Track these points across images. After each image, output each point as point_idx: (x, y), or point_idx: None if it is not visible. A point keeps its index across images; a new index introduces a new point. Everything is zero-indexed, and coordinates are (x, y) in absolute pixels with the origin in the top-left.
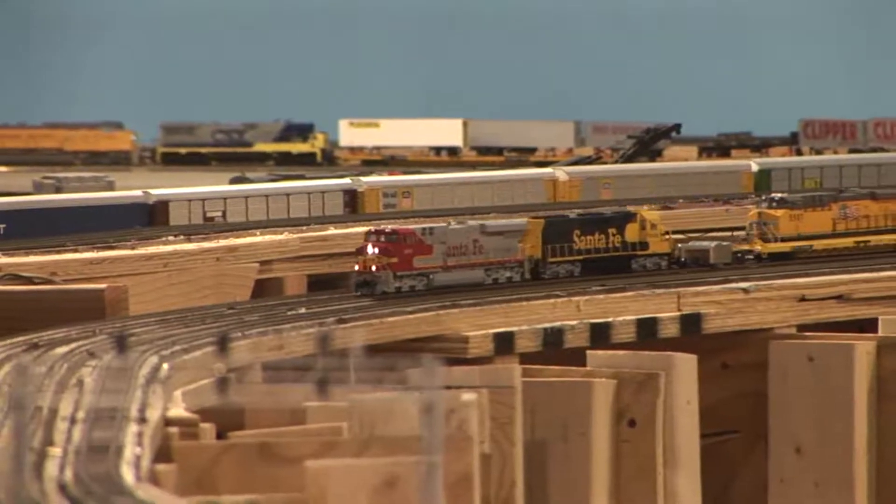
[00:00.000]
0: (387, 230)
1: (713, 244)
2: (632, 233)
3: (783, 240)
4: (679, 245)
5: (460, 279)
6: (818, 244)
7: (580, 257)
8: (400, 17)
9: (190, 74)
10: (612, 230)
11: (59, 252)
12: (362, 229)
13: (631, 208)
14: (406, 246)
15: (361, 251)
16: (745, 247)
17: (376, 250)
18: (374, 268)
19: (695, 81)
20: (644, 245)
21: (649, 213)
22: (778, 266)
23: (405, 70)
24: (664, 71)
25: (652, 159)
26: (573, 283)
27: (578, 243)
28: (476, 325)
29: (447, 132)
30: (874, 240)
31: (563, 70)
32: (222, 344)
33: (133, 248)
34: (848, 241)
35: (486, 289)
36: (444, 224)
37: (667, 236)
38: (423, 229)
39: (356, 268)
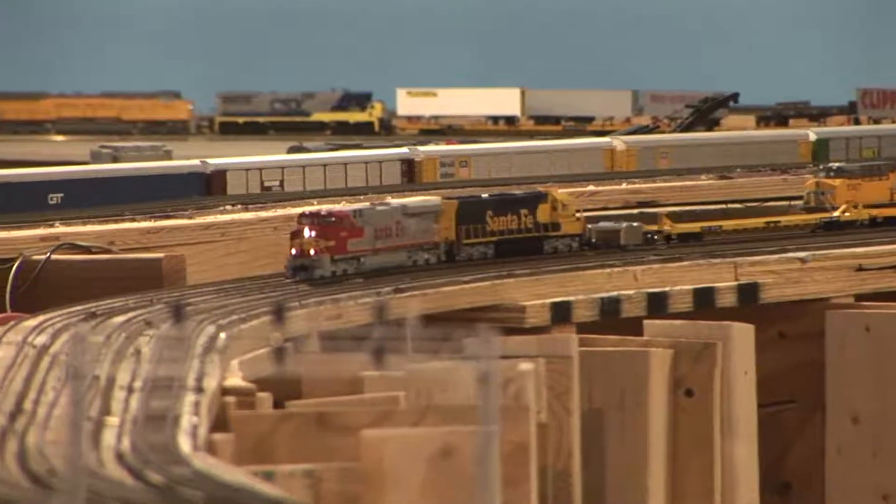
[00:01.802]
0: (323, 212)
1: (624, 225)
2: (543, 214)
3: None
4: (589, 226)
5: (385, 262)
6: (876, 213)
7: (493, 239)
8: None
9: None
10: (524, 211)
11: (116, 221)
12: (419, 199)
13: (541, 188)
14: (342, 229)
15: (297, 234)
16: (654, 227)
17: (313, 233)
18: (312, 251)
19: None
20: (556, 226)
21: (560, 194)
22: (835, 236)
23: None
24: (722, 40)
25: (710, 129)
26: (630, 253)
27: (491, 224)
28: (533, 294)
29: (505, 101)
30: None
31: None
32: (279, 313)
33: (190, 218)
34: None
35: (543, 258)
36: (371, 206)
37: (577, 217)
38: (354, 211)
39: (292, 252)
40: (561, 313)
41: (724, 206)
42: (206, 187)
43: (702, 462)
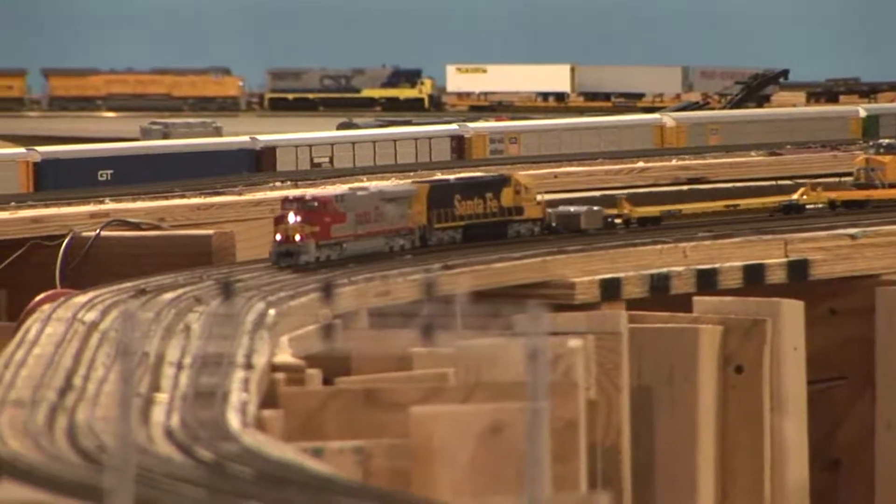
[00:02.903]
0: (307, 197)
1: (584, 209)
2: (507, 197)
3: (891, 185)
4: (549, 210)
5: (365, 248)
6: None
7: (462, 223)
8: None
9: (297, 20)
10: (489, 195)
11: (166, 198)
12: (469, 175)
13: (505, 172)
14: (326, 214)
15: (281, 220)
16: (613, 211)
17: (298, 218)
18: (297, 237)
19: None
20: (520, 210)
21: (522, 177)
22: (885, 212)
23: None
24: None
25: (760, 105)
26: (679, 230)
27: (459, 209)
28: (582, 271)
29: (554, 78)
30: None
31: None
32: (328, 290)
33: (240, 194)
34: None
35: (592, 235)
36: (352, 191)
37: (539, 201)
38: (336, 196)
39: (277, 237)
40: (610, 290)
41: (686, 187)
42: (256, 164)
43: (751, 439)
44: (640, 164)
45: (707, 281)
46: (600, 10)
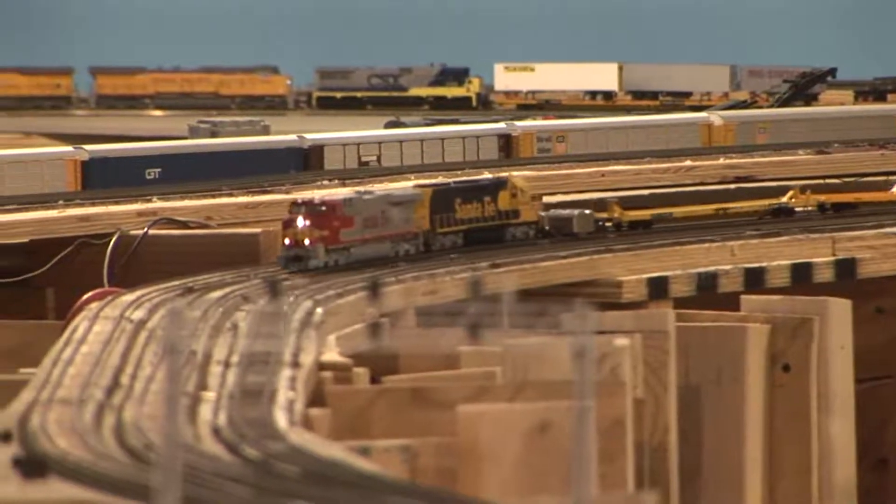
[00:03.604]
0: (315, 201)
1: (576, 213)
2: (504, 201)
3: None
4: (542, 214)
5: (371, 253)
6: None
7: (462, 227)
8: None
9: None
10: (487, 199)
11: (214, 196)
12: (517, 174)
13: (502, 175)
14: (335, 218)
15: (290, 224)
16: (604, 214)
17: (307, 223)
18: (307, 241)
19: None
20: (516, 213)
21: (518, 179)
22: None
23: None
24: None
25: (807, 103)
26: (727, 228)
27: (460, 213)
28: (630, 269)
29: (602, 76)
30: None
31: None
32: (375, 289)
33: (288, 193)
34: None
35: (640, 233)
36: (359, 194)
37: (534, 204)
38: (344, 200)
39: (286, 242)
40: (658, 288)
41: (673, 190)
42: (304, 162)
43: (798, 437)
44: (688, 162)
45: (755, 279)
46: (649, 9)
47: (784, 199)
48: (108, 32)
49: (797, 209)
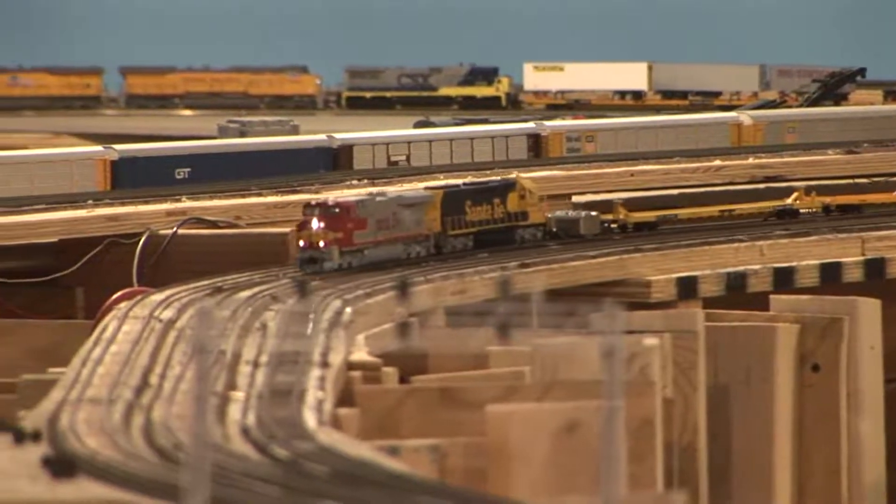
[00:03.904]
0: (329, 202)
1: (583, 214)
2: (513, 202)
3: None
4: (548, 215)
5: (384, 255)
6: None
7: (473, 230)
8: None
9: (375, 18)
10: (496, 200)
11: (243, 196)
12: (546, 173)
13: (512, 176)
14: (349, 220)
15: (304, 226)
16: (609, 216)
17: (322, 224)
18: (321, 243)
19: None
20: (524, 215)
21: (526, 181)
22: None
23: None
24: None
25: (837, 103)
26: (757, 228)
27: (470, 215)
28: (659, 269)
29: (631, 76)
30: None
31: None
32: (404, 288)
33: (317, 192)
34: None
35: (668, 233)
36: (371, 196)
37: (542, 205)
38: (358, 202)
39: (300, 244)
40: (687, 288)
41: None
42: (333, 162)
43: (827, 438)
44: (717, 162)
45: (784, 279)
46: (678, 8)
47: (788, 201)
48: (139, 32)
49: (802, 211)
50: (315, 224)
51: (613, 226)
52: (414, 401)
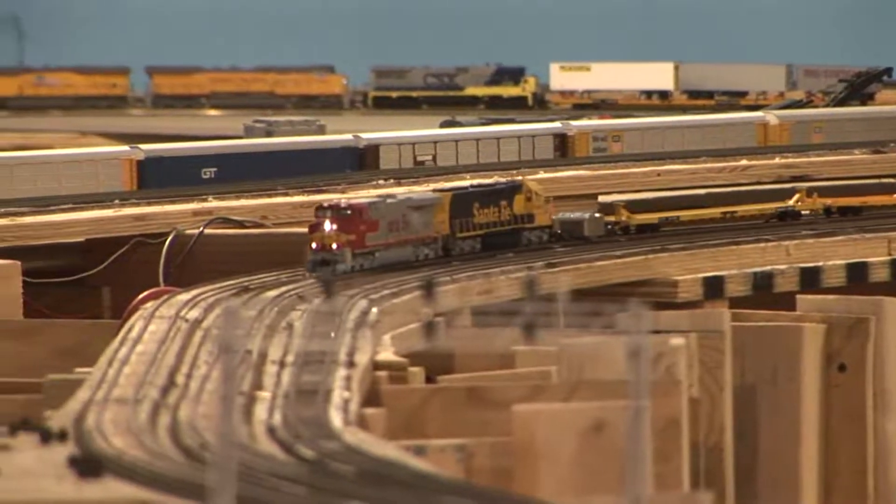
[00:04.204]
0: (342, 205)
1: (587, 216)
2: (519, 205)
3: None
4: (553, 217)
5: (394, 257)
6: None
7: (481, 232)
8: None
9: (401, 18)
10: (503, 202)
11: (269, 196)
12: (572, 173)
13: (518, 178)
14: (361, 222)
15: (317, 228)
16: (612, 218)
17: (334, 227)
18: (334, 246)
19: None
20: (531, 217)
21: (533, 183)
22: None
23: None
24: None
25: (863, 103)
26: (783, 228)
27: (478, 217)
28: (685, 269)
29: (658, 76)
30: None
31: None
32: (430, 288)
33: (343, 192)
34: None
35: (695, 232)
36: (382, 198)
37: (548, 207)
38: (370, 204)
39: (312, 246)
40: (713, 288)
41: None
42: (359, 162)
43: (854, 436)
44: (744, 161)
45: (810, 279)
46: (704, 8)
47: (790, 203)
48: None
49: (804, 213)
50: (327, 226)
51: (616, 227)
52: (440, 400)
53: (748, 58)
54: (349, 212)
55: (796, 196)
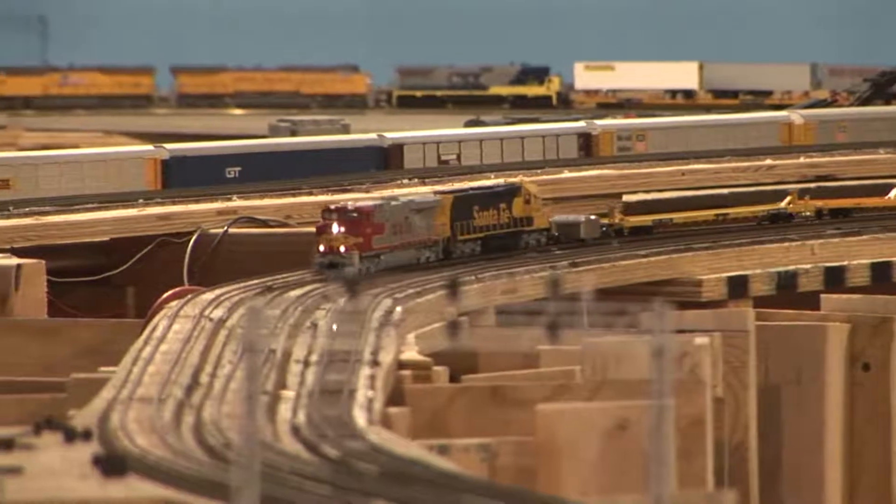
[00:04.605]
0: (349, 207)
1: (583, 218)
2: (518, 207)
3: None
4: (550, 220)
5: (398, 260)
6: None
7: (481, 235)
8: None
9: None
10: (502, 205)
11: (293, 195)
12: (596, 172)
13: (516, 180)
14: (368, 224)
15: (324, 230)
16: (605, 220)
17: (342, 229)
18: (342, 248)
19: None
20: (529, 220)
21: (531, 185)
22: None
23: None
24: None
25: (888, 102)
26: (808, 227)
27: (478, 220)
28: (710, 268)
29: (682, 75)
30: None
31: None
32: (454, 288)
33: (367, 192)
34: None
35: (719, 232)
36: (386, 201)
37: (545, 210)
38: (375, 206)
39: (320, 248)
40: (738, 287)
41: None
42: (384, 161)
43: (878, 436)
44: (768, 161)
45: (835, 278)
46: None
47: (782, 205)
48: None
49: (795, 214)
50: (335, 228)
51: (610, 229)
52: (464, 400)
53: (773, 57)
54: (357, 214)
55: (788, 198)
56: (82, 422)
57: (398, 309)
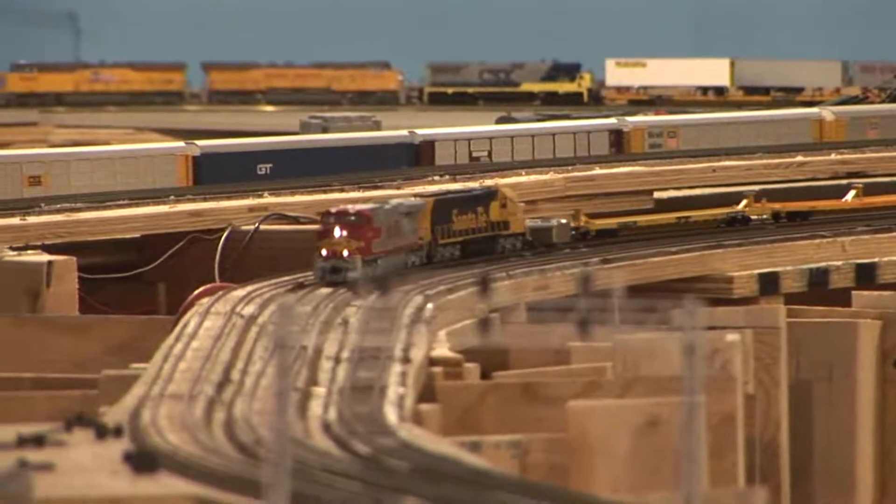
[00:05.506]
0: (350, 211)
1: (554, 223)
2: (495, 211)
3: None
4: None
5: (390, 265)
6: None
7: (460, 239)
8: None
9: (457, 14)
10: (480, 209)
11: (324, 192)
12: (627, 169)
13: (493, 184)
14: (368, 228)
15: (326, 234)
16: (573, 224)
17: (344, 233)
18: (345, 253)
19: None
20: (506, 224)
21: (508, 190)
22: None
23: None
24: None
25: None
26: (839, 223)
27: (457, 224)
28: (741, 265)
29: (714, 72)
30: None
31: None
32: (485, 284)
33: (399, 188)
34: None
35: (750, 229)
36: (380, 205)
37: (521, 215)
38: (373, 210)
39: (322, 253)
40: (769, 284)
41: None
42: (415, 158)
43: None
44: (799, 158)
45: (866, 275)
46: (760, 4)
47: (739, 208)
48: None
49: (752, 217)
50: (338, 232)
51: (577, 233)
52: (495, 396)
53: (804, 54)
54: (357, 218)
55: (744, 201)
56: (113, 418)
57: (429, 306)
